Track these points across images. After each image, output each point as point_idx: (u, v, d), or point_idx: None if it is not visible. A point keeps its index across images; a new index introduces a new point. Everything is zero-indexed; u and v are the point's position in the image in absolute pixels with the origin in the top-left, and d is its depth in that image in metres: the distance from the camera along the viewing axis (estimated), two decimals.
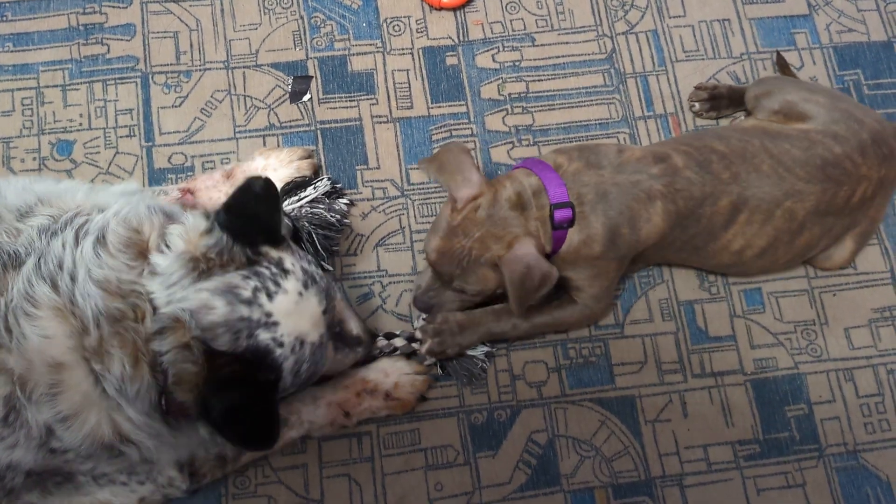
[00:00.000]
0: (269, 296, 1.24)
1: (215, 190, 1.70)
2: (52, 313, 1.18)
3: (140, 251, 1.23)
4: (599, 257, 1.52)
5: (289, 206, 1.69)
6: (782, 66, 1.91)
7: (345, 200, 1.75)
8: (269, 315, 1.23)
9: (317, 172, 1.79)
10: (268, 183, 1.27)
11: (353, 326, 1.51)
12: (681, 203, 1.50)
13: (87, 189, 1.39)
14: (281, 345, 1.24)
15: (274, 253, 1.29)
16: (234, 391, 1.18)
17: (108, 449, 1.25)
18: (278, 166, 1.74)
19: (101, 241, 1.22)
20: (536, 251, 1.45)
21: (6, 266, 1.22)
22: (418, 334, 1.61)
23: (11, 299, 1.18)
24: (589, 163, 1.51)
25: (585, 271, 1.56)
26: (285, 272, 1.27)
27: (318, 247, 1.67)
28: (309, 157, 1.79)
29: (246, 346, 1.21)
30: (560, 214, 1.46)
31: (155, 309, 1.18)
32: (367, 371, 1.61)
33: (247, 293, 1.22)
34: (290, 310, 1.26)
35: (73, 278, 1.19)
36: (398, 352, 1.64)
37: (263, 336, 1.22)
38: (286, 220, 1.58)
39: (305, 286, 1.29)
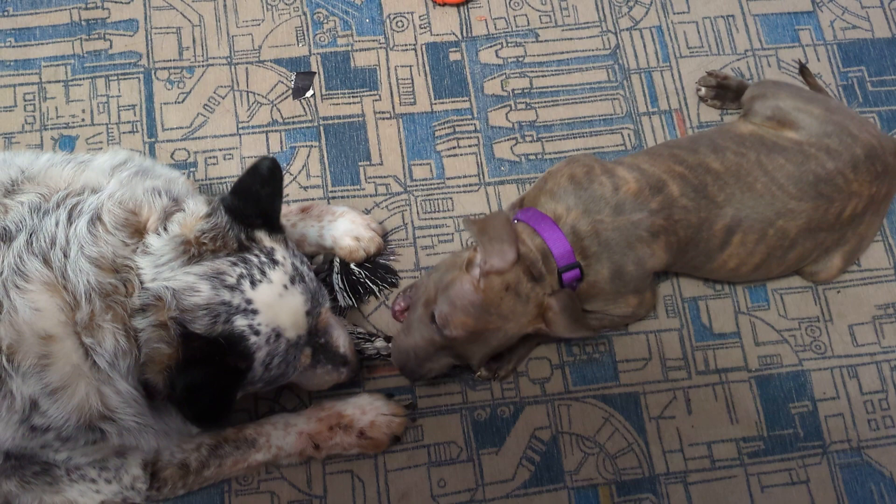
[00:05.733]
0: (253, 283, 1.25)
1: (283, 218, 1.64)
2: (43, 287, 1.18)
3: (136, 230, 1.25)
4: (609, 291, 1.54)
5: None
6: (804, 74, 1.89)
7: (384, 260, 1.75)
8: (249, 302, 1.24)
9: (379, 251, 1.71)
10: (274, 165, 1.30)
11: (341, 344, 1.47)
12: (681, 233, 1.52)
13: (72, 164, 1.37)
14: (257, 333, 1.24)
15: (267, 242, 1.31)
16: (198, 370, 1.19)
17: (89, 430, 1.25)
18: (353, 223, 1.68)
19: (96, 220, 1.23)
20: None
21: None
22: (484, 373, 1.65)
23: (2, 272, 1.19)
24: (586, 208, 1.49)
25: (598, 303, 1.58)
26: (274, 262, 1.29)
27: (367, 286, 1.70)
28: (383, 237, 1.73)
29: (221, 330, 1.22)
30: (569, 277, 1.48)
31: (142, 283, 1.20)
32: (343, 405, 1.58)
33: (231, 279, 1.23)
34: (272, 301, 1.27)
35: (65, 254, 1.20)
36: None
37: (240, 322, 1.23)
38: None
39: (292, 281, 1.30)
